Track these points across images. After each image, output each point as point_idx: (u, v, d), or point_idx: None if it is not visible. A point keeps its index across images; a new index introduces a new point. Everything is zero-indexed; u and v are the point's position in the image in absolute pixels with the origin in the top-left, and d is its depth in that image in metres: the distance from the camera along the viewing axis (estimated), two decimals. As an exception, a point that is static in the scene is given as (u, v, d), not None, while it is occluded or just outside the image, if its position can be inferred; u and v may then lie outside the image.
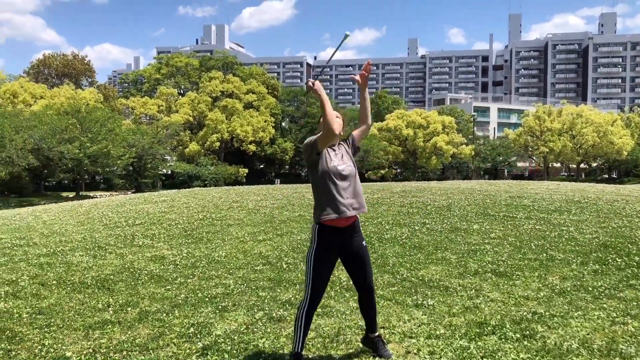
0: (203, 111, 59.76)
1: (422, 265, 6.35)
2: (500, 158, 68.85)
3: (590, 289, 5.21)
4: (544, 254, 6.79)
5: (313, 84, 3.54)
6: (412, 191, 15.42)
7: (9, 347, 4.14)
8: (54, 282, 6.07)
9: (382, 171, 64.30)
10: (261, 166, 70.17)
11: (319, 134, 3.56)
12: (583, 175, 69.46)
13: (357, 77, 3.71)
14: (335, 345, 3.97)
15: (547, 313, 4.52)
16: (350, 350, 3.87)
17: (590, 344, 3.83)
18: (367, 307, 3.77)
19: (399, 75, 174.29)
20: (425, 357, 3.71)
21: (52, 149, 37.26)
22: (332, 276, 5.85)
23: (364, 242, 3.72)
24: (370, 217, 10.17)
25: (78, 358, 3.88)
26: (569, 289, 5.24)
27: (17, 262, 7.22)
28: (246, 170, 59.91)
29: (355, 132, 3.87)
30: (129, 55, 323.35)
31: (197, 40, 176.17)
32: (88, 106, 46.81)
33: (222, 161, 60.02)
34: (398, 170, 71.48)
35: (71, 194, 45.97)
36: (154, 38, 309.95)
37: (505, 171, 73.88)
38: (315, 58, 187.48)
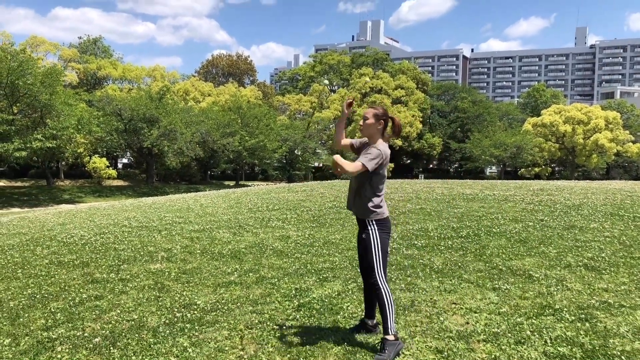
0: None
1: (519, 257, 6.69)
2: (678, 158, 61.76)
3: (678, 287, 5.26)
4: (652, 254, 6.73)
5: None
6: (549, 190, 15.13)
7: (158, 295, 5.43)
8: (199, 251, 7.43)
9: (537, 169, 61.28)
10: (408, 161, 70.51)
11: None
12: None
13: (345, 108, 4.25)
14: (406, 312, 4.66)
15: (617, 303, 4.77)
16: (418, 317, 4.54)
17: (640, 330, 4.10)
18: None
19: (564, 67, 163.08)
20: (479, 327, 4.26)
21: (216, 141, 41.33)
22: (426, 260, 6.50)
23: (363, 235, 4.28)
24: (489, 213, 10.45)
25: (204, 305, 5.01)
26: (655, 285, 5.34)
27: (174, 235, 8.81)
28: (392, 165, 60.64)
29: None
30: (291, 53, 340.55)
31: (352, 36, 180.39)
32: (249, 103, 50.89)
33: (370, 155, 61.38)
34: (556, 169, 67.50)
35: (232, 183, 50.40)
36: (315, 36, 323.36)
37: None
38: (472, 50, 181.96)
